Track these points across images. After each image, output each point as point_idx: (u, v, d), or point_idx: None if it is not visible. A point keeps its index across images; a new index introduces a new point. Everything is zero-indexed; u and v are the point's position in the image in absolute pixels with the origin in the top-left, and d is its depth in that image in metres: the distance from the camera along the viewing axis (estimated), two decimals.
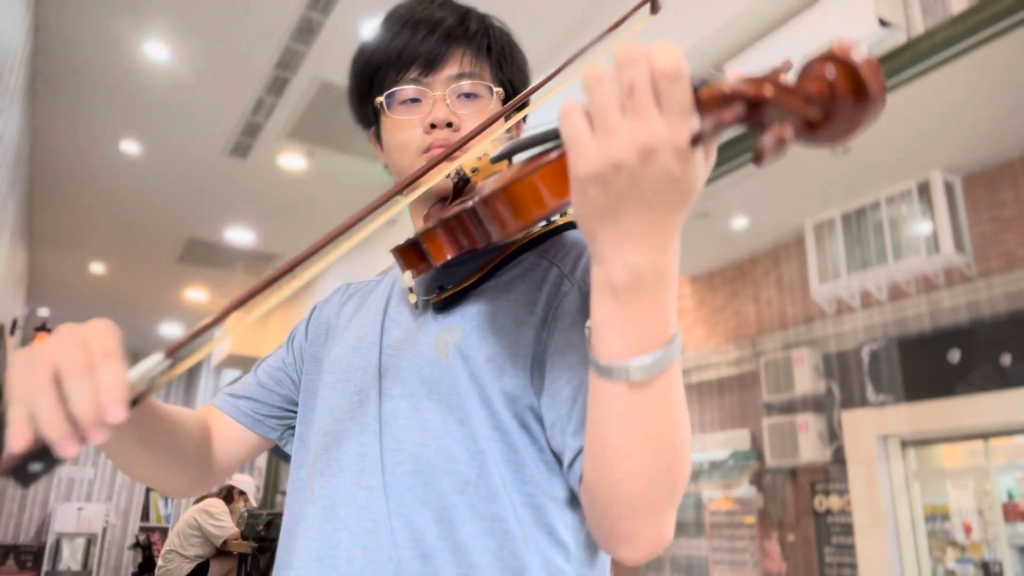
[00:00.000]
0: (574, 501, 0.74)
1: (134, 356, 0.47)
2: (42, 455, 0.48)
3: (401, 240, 0.81)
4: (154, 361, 0.54)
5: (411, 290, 0.84)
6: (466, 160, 0.78)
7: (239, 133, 4.66)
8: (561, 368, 0.72)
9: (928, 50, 2.26)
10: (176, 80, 4.14)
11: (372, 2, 3.46)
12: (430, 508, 0.72)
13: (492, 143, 0.77)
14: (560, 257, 0.78)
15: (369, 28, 3.81)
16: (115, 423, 0.49)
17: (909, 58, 2.31)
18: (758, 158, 0.42)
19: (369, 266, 5.60)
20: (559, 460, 0.74)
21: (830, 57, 0.40)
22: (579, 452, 0.68)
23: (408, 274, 0.77)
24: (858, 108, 0.40)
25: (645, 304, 0.54)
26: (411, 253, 0.77)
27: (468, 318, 0.78)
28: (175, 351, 0.54)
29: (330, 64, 3.94)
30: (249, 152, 4.89)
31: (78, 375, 0.49)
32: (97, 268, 7.14)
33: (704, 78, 0.47)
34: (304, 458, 0.85)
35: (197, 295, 7.88)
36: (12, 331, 6.32)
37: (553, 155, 0.56)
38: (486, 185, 0.68)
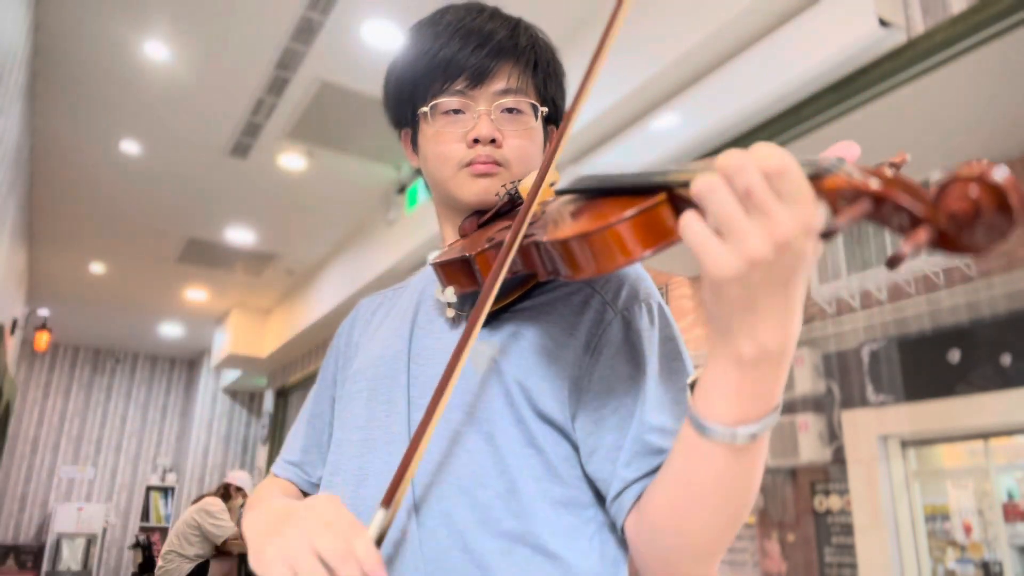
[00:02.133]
0: (602, 519, 0.75)
1: (134, 357, 0.47)
2: None
3: (397, 239, 0.80)
4: (379, 516, 0.61)
5: (450, 305, 0.82)
6: (524, 184, 0.78)
7: (239, 133, 4.65)
8: (606, 396, 0.72)
9: (928, 50, 2.26)
10: (176, 80, 4.14)
11: (372, 2, 3.46)
12: (457, 522, 0.71)
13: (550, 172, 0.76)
14: (602, 283, 0.78)
15: (369, 28, 3.81)
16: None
17: (909, 58, 2.31)
18: (894, 263, 0.42)
19: (368, 265, 5.60)
20: (590, 482, 0.74)
21: (973, 178, 0.41)
22: (630, 484, 0.69)
23: (450, 289, 0.77)
24: (1001, 227, 0.41)
25: (765, 377, 0.54)
26: (458, 271, 0.76)
27: (506, 335, 0.78)
28: (389, 500, 0.62)
29: (330, 64, 3.94)
30: (249, 152, 4.89)
31: (345, 558, 0.56)
32: (97, 268, 7.13)
33: (827, 167, 0.48)
34: (334, 467, 0.85)
35: (197, 295, 7.88)
36: (12, 331, 6.32)
37: (638, 208, 0.54)
38: (549, 218, 0.67)
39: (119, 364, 10.16)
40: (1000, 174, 0.40)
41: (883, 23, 2.28)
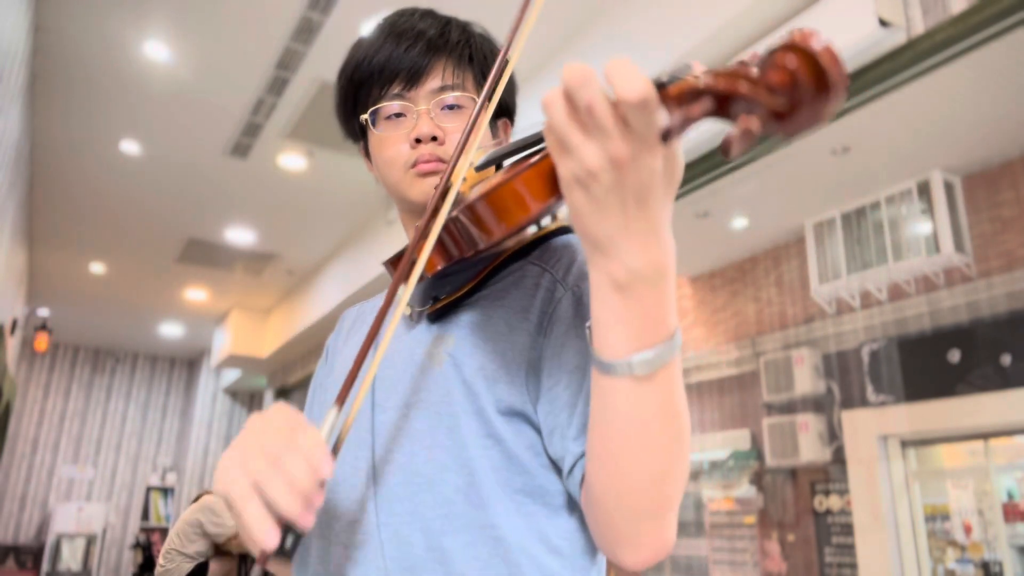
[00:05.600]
0: (573, 506, 0.74)
1: (134, 357, 0.47)
2: (288, 532, 0.54)
3: (397, 239, 0.81)
4: (331, 415, 0.60)
5: (407, 304, 0.83)
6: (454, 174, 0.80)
7: (239, 133, 4.66)
8: (559, 373, 0.72)
9: (928, 50, 2.26)
10: (176, 80, 4.14)
11: (372, 2, 3.47)
12: (419, 519, 0.71)
13: (477, 152, 0.78)
14: (552, 263, 0.78)
15: (369, 28, 3.80)
16: (327, 478, 0.55)
17: (909, 58, 2.31)
18: (725, 150, 0.42)
19: (368, 265, 5.60)
20: (557, 467, 0.74)
21: (790, 47, 0.41)
22: (580, 457, 0.68)
23: (402, 287, 0.78)
24: (820, 96, 0.41)
25: (645, 299, 0.54)
26: None
27: (461, 326, 0.78)
28: (342, 400, 0.61)
29: (330, 64, 3.94)
30: (249, 152, 4.89)
31: (289, 451, 0.55)
32: (97, 268, 7.13)
33: (673, 74, 0.48)
34: None
35: (197, 295, 7.88)
36: (12, 331, 6.32)
37: (534, 159, 0.57)
38: (471, 194, 0.68)
39: (119, 364, 10.16)
40: (817, 42, 0.40)
41: (883, 23, 2.28)
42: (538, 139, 0.61)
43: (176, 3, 3.56)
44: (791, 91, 0.41)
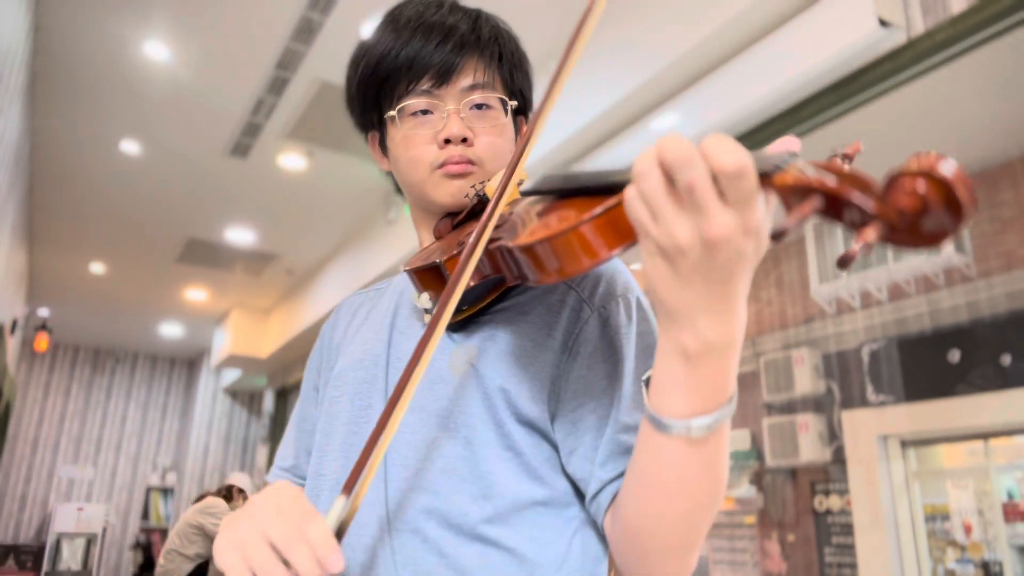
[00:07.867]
0: (586, 517, 0.75)
1: (134, 357, 0.47)
2: None
3: (397, 239, 0.80)
4: (339, 504, 0.58)
5: (427, 311, 0.81)
6: (491, 184, 0.77)
7: (239, 133, 4.66)
8: (583, 396, 0.72)
9: (928, 50, 2.26)
10: (176, 80, 4.14)
11: (372, 2, 3.46)
12: (432, 526, 0.71)
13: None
14: (578, 280, 0.77)
15: (369, 28, 3.81)
16: (337, 572, 0.53)
17: (909, 58, 2.31)
18: (845, 264, 0.41)
19: (368, 265, 5.60)
20: (572, 480, 0.74)
21: (920, 173, 0.40)
22: (606, 484, 0.69)
23: (425, 296, 0.76)
24: (950, 221, 0.39)
25: (712, 369, 0.54)
26: (431, 277, 0.76)
27: (484, 338, 0.77)
28: (350, 488, 0.59)
29: (330, 64, 3.95)
30: (249, 152, 4.89)
31: (295, 543, 0.53)
32: (97, 268, 7.13)
33: (777, 163, 0.46)
34: (316, 470, 0.84)
35: (197, 295, 7.88)
36: (12, 331, 6.32)
37: (600, 208, 0.54)
38: (517, 220, 0.66)
39: (119, 364, 10.15)
40: (947, 168, 0.39)
41: (883, 23, 2.28)
42: (596, 180, 0.58)
43: (176, 3, 3.56)
44: (921, 216, 0.40)
